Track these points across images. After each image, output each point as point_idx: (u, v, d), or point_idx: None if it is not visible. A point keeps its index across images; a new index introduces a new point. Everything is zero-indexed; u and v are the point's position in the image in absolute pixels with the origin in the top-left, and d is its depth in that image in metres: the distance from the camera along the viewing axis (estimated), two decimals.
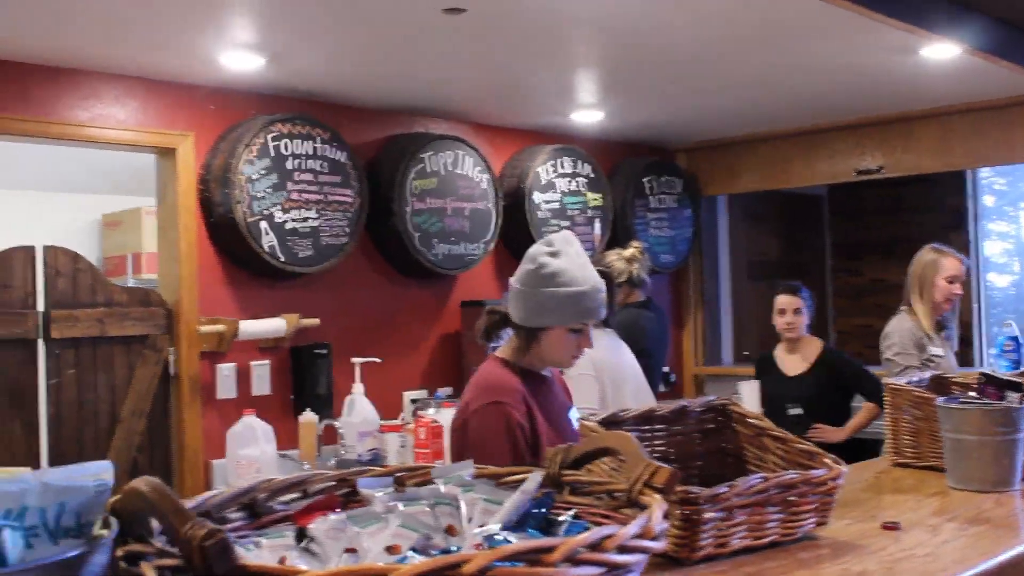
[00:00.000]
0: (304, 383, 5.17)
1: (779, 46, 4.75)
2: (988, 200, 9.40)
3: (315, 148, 5.07)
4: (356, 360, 5.19)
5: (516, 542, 1.35)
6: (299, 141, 5.01)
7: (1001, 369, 4.80)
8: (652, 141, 7.21)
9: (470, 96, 5.59)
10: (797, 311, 5.24)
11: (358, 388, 5.12)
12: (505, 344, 3.06)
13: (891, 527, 1.97)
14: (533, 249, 2.90)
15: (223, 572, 1.08)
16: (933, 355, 4.68)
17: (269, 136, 4.89)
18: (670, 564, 1.71)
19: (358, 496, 1.60)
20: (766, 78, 5.40)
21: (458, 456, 2.95)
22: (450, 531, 1.53)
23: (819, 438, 5.02)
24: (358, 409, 5.05)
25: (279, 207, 4.91)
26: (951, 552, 1.82)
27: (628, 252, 5.08)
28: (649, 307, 5.41)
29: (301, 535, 1.46)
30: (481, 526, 1.50)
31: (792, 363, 5.30)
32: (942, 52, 4.64)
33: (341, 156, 5.17)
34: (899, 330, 4.76)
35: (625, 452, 1.54)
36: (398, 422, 5.23)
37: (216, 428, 4.84)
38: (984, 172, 8.42)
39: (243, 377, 5.03)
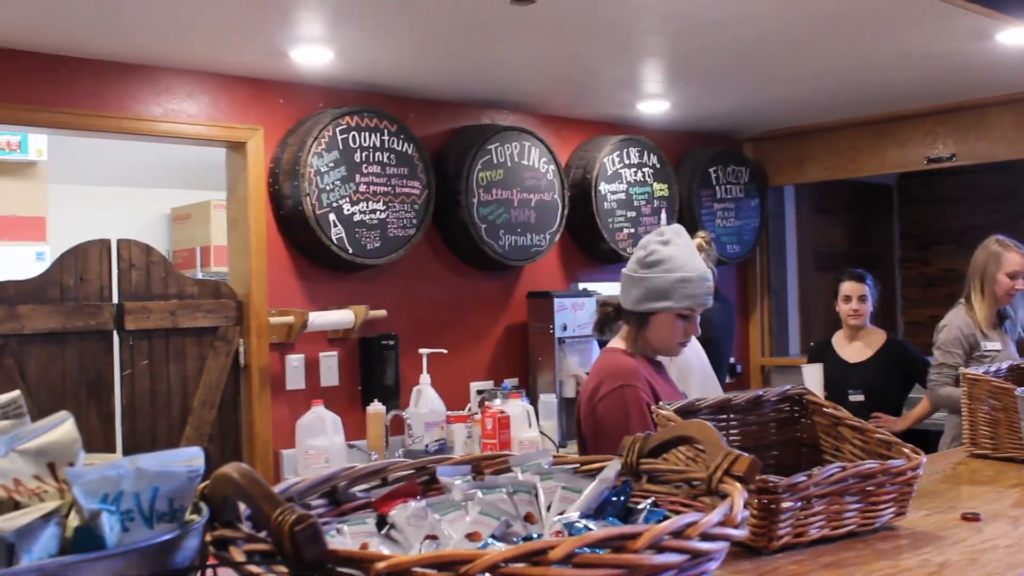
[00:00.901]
0: (372, 374, 5.21)
1: (850, 34, 4.69)
2: None
3: (383, 140, 5.10)
4: (423, 351, 5.22)
5: (597, 529, 1.36)
6: (367, 133, 5.04)
7: None
8: (718, 131, 7.16)
9: (536, 87, 5.59)
10: (862, 298, 5.20)
11: (425, 379, 5.15)
12: (619, 335, 3.20)
13: (971, 518, 1.95)
14: (645, 238, 3.13)
15: (312, 557, 1.09)
16: (988, 350, 4.65)
17: (337, 129, 4.93)
18: (748, 553, 1.71)
19: (437, 484, 1.62)
20: (835, 67, 5.34)
21: (591, 444, 3.06)
22: (529, 519, 1.53)
23: (880, 426, 4.98)
24: (425, 400, 5.08)
25: (347, 199, 4.94)
26: None
27: (695, 242, 5.06)
28: (716, 297, 5.38)
29: (382, 522, 1.48)
30: (560, 514, 1.51)
31: (854, 350, 5.27)
32: (1018, 37, 4.57)
33: (408, 148, 5.19)
34: (950, 325, 4.74)
35: (704, 440, 1.54)
36: (465, 413, 5.26)
37: (285, 419, 4.90)
38: None
39: (312, 368, 5.08)
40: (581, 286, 6.10)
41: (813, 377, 5.17)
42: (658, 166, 6.38)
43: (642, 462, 1.62)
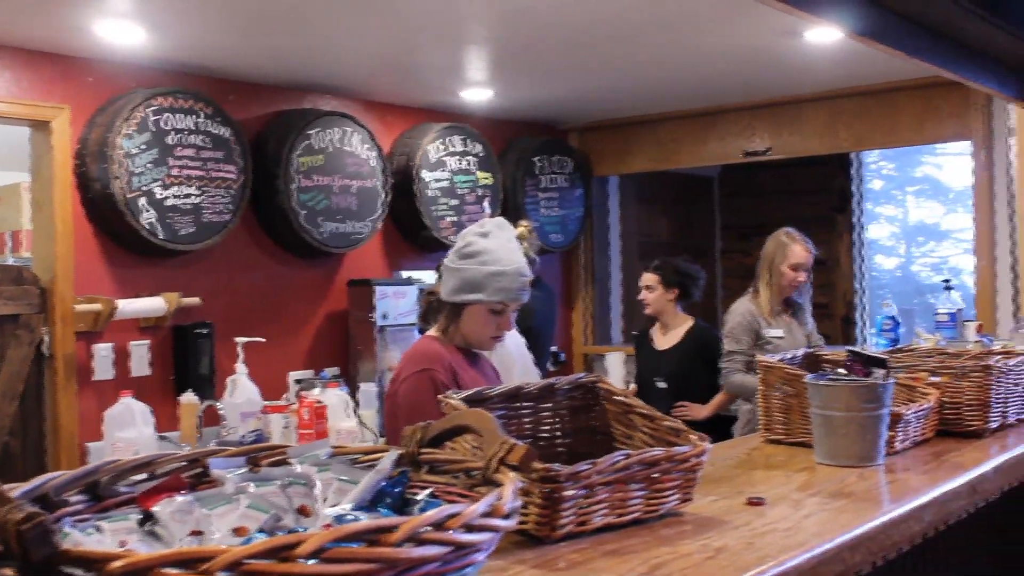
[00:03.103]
0: (186, 363, 5.06)
1: (670, 28, 4.77)
2: (876, 184, 9.60)
3: (197, 123, 4.95)
4: (239, 340, 5.10)
5: (364, 521, 1.32)
6: (181, 115, 4.89)
7: (880, 347, 4.90)
8: (544, 120, 7.20)
9: (360, 72, 5.51)
10: (649, 287, 5.34)
11: (241, 368, 5.03)
12: (437, 324, 3.18)
13: (756, 502, 1.98)
14: (467, 229, 3.12)
15: (41, 558, 1.02)
16: (771, 337, 4.81)
17: (149, 110, 4.76)
18: (530, 543, 1.69)
19: (210, 477, 1.56)
20: (657, 60, 5.43)
21: (391, 430, 3.07)
22: (303, 512, 1.49)
23: (683, 415, 5.08)
24: (240, 390, 4.96)
25: (159, 183, 4.78)
26: (812, 526, 1.84)
27: (517, 231, 5.08)
28: (537, 286, 5.41)
29: (146, 518, 1.41)
30: (334, 506, 1.47)
31: (663, 338, 5.38)
32: (824, 36, 4.71)
33: (225, 132, 5.06)
34: (735, 313, 4.90)
35: (482, 429, 1.52)
36: (282, 403, 5.15)
37: (93, 410, 4.71)
38: (872, 156, 8.60)
39: (121, 358, 4.91)
40: (404, 274, 6.06)
41: (613, 366, 5.29)
42: (482, 155, 6.37)
43: (422, 452, 1.59)
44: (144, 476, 1.53)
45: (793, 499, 2.05)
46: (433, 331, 3.19)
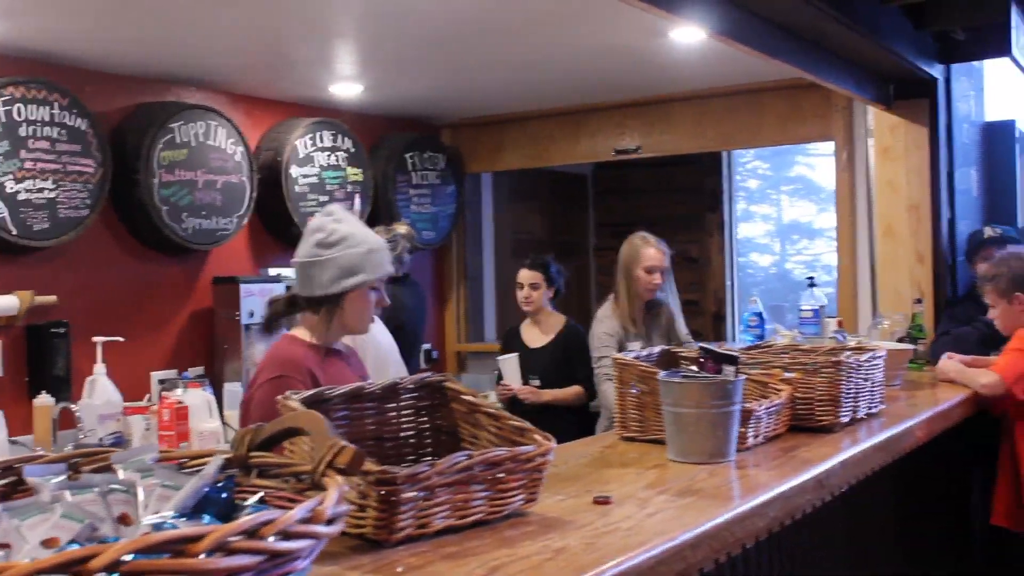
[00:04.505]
0: (40, 364, 4.88)
1: (539, 25, 4.77)
2: (752, 183, 9.77)
3: (52, 114, 4.77)
4: (98, 339, 4.93)
5: (184, 528, 1.27)
6: (34, 106, 4.71)
7: (746, 343, 4.96)
8: (416, 116, 7.15)
9: (225, 65, 5.38)
10: (534, 285, 5.29)
11: (100, 369, 4.87)
12: (302, 326, 3.12)
13: (602, 501, 1.98)
14: (315, 222, 3.03)
15: None
16: (632, 347, 4.78)
17: (0, 100, 4.58)
18: (368, 547, 1.66)
19: (26, 485, 1.48)
20: (528, 57, 5.42)
21: None
22: (124, 520, 1.43)
23: (524, 397, 5.09)
24: (100, 391, 4.81)
25: (11, 176, 4.60)
26: (655, 524, 1.83)
27: (400, 229, 5.11)
28: (407, 283, 5.39)
29: None
30: (156, 513, 1.41)
31: (535, 336, 5.37)
32: (689, 36, 4.76)
33: (82, 124, 4.89)
34: (599, 321, 4.84)
35: (313, 431, 1.48)
36: (144, 404, 5.01)
37: None
38: (747, 156, 8.74)
39: None
40: (271, 271, 5.93)
41: (510, 367, 5.23)
42: (352, 150, 6.30)
43: (252, 455, 1.54)
44: None
45: (640, 497, 2.04)
46: (300, 331, 3.12)
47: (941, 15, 4.58)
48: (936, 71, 5.07)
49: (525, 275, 5.34)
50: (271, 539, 1.14)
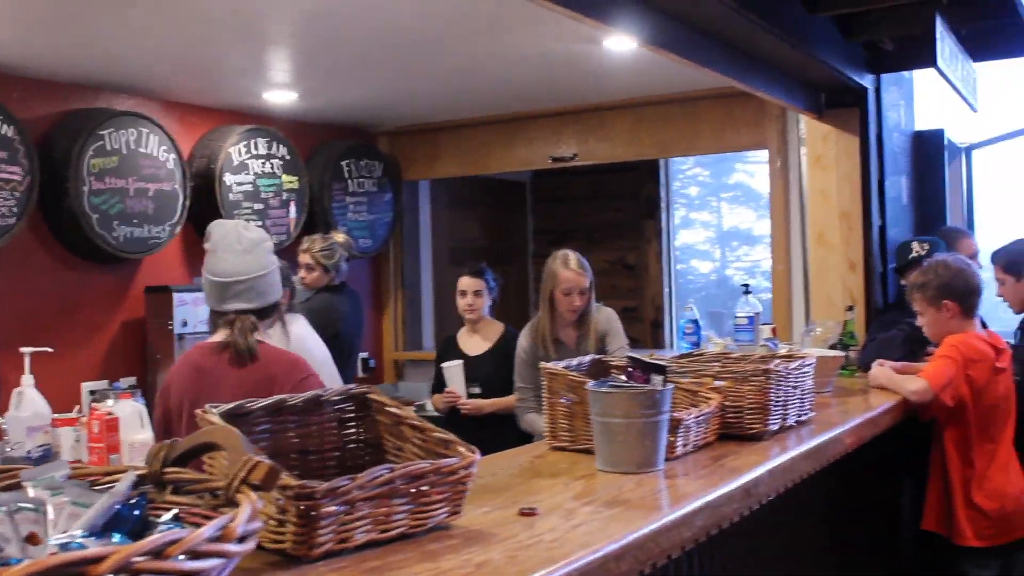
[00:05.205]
0: None
1: (473, 33, 4.76)
2: (693, 190, 9.84)
3: None
4: (25, 350, 4.83)
5: (94, 548, 1.24)
6: None
7: (683, 350, 4.97)
8: (353, 124, 7.11)
9: (157, 71, 5.32)
10: (477, 293, 5.25)
11: (28, 380, 4.76)
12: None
13: (528, 513, 1.96)
14: (253, 232, 3.09)
15: None
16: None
17: None
18: (287, 563, 1.63)
19: None
20: (463, 65, 5.41)
21: None
22: (32, 540, 1.39)
23: (468, 411, 5.06)
24: (27, 403, 4.69)
25: None
26: (579, 536, 1.82)
27: (337, 238, 5.08)
28: (343, 292, 5.35)
29: None
30: (65, 532, 1.38)
31: (474, 344, 5.33)
32: (623, 44, 4.78)
33: (8, 130, 4.81)
34: (519, 347, 4.72)
35: (228, 447, 1.45)
36: (73, 415, 4.92)
37: None
38: (688, 164, 8.80)
39: None
40: None
41: (455, 374, 5.19)
42: (288, 158, 6.25)
43: (168, 471, 1.51)
44: None
45: (567, 508, 2.03)
46: (219, 336, 3.07)
47: (869, 25, 4.63)
48: (866, 81, 5.13)
49: (468, 282, 5.28)
50: (180, 559, 1.12)
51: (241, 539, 1.23)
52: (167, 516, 1.45)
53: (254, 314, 3.03)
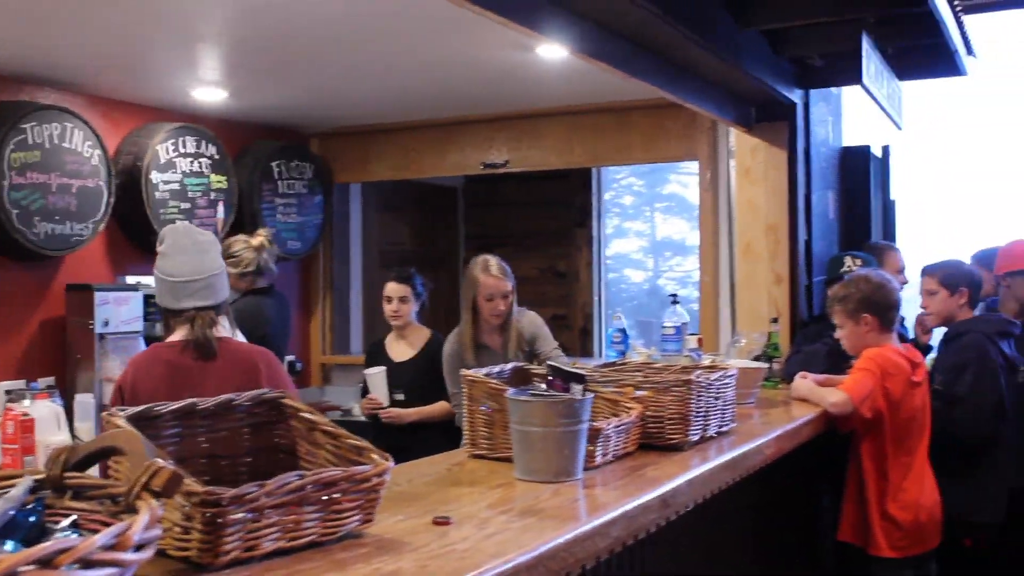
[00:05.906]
0: None
1: (403, 36, 4.74)
2: (627, 199, 9.88)
3: None
4: None
5: None
6: None
7: (611, 358, 4.98)
8: (284, 125, 7.04)
9: (83, 65, 5.22)
10: (403, 299, 5.21)
11: None
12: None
13: (442, 522, 1.95)
14: (204, 235, 3.22)
15: None
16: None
17: None
18: (193, 570, 1.60)
19: None
20: (394, 67, 5.38)
21: None
22: None
23: (388, 419, 5.03)
24: None
25: None
26: (492, 546, 1.81)
27: (256, 240, 4.97)
28: (271, 294, 5.28)
29: None
30: None
31: (400, 349, 5.30)
32: (555, 52, 4.78)
33: None
34: (444, 353, 4.72)
35: (129, 451, 1.42)
36: None
37: None
38: (622, 173, 8.82)
39: None
40: (129, 279, 5.76)
41: (378, 381, 5.15)
42: (217, 157, 6.17)
43: (68, 476, 1.47)
44: None
45: (482, 517, 2.02)
46: (179, 335, 3.13)
47: (798, 41, 4.69)
48: (795, 96, 5.19)
49: (394, 288, 5.24)
50: (71, 568, 1.09)
51: (138, 547, 1.20)
52: (65, 522, 1.41)
53: (212, 310, 3.14)
